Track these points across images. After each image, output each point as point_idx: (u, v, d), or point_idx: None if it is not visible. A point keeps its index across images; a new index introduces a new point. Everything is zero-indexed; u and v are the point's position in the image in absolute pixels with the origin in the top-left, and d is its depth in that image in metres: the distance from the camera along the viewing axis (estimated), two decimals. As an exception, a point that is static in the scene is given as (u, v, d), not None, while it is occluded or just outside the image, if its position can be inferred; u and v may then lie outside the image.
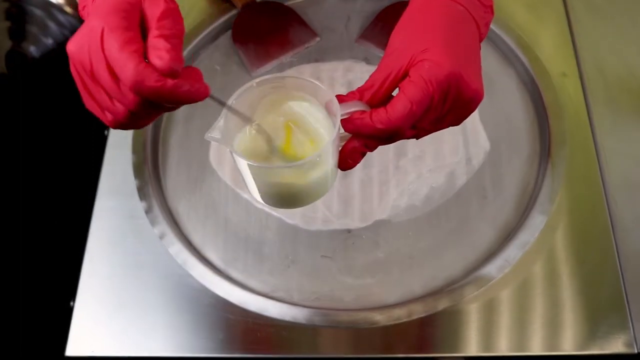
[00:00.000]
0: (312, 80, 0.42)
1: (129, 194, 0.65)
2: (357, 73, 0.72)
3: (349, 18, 0.76)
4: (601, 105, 0.69)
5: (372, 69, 0.71)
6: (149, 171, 0.66)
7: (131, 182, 0.65)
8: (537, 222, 0.61)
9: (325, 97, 0.42)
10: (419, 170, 0.65)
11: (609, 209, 0.62)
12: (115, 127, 0.39)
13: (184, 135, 0.70)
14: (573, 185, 0.64)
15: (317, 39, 0.75)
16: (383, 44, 0.73)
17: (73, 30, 0.81)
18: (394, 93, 0.42)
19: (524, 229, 0.61)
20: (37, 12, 0.79)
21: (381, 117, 0.39)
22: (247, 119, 0.41)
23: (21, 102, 0.82)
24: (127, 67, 0.34)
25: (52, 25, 0.81)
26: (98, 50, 0.35)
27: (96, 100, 0.38)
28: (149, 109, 0.37)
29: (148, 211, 0.64)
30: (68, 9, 0.79)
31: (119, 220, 0.64)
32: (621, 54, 0.72)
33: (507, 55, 0.73)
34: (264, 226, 0.63)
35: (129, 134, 0.68)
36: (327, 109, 0.42)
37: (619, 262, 0.60)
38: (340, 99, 0.41)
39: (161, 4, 0.37)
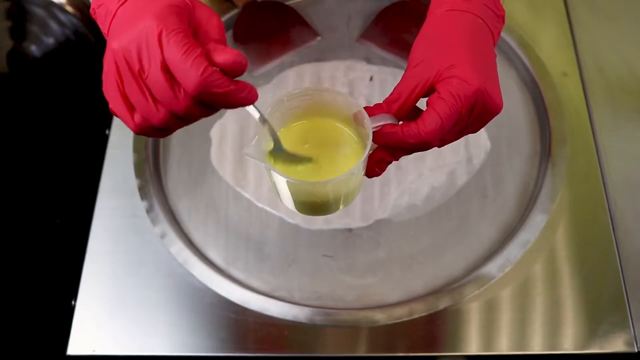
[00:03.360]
0: (340, 92, 0.43)
1: (130, 193, 0.65)
2: (358, 72, 0.72)
3: (349, 17, 0.77)
4: (602, 104, 0.69)
5: (372, 68, 0.72)
6: (150, 170, 0.66)
7: (132, 182, 0.66)
8: (537, 221, 0.61)
9: (353, 108, 0.43)
10: (419, 170, 0.65)
11: (609, 208, 0.63)
12: (139, 132, 0.38)
13: (184, 135, 0.70)
14: (574, 185, 0.64)
15: (318, 38, 0.75)
16: (384, 43, 0.73)
17: (74, 30, 0.81)
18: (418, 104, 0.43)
19: (524, 228, 0.61)
20: (38, 11, 0.79)
21: (412, 132, 0.40)
22: (274, 133, 0.42)
23: (22, 102, 0.82)
24: (193, 70, 0.34)
25: (53, 25, 0.81)
26: (156, 52, 0.35)
27: (130, 102, 0.37)
28: (184, 118, 0.37)
29: (149, 210, 0.64)
30: (69, 8, 0.79)
31: (120, 219, 0.64)
32: (622, 53, 0.72)
33: (508, 55, 0.73)
34: (265, 225, 0.64)
35: (130, 133, 0.68)
36: (355, 120, 0.43)
37: (620, 261, 0.60)
38: (369, 111, 0.42)
39: (214, 15, 0.38)
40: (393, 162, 0.44)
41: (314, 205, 0.46)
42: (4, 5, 0.78)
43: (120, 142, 0.68)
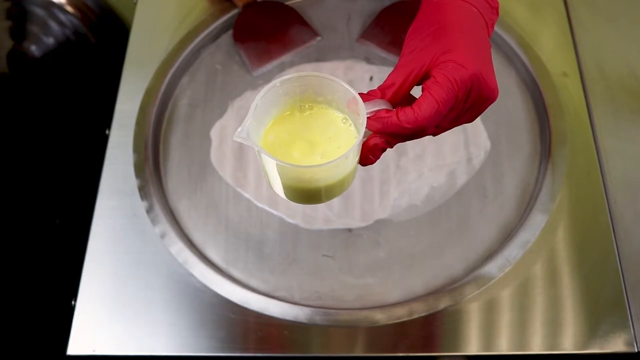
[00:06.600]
0: (334, 79, 0.42)
1: (130, 193, 0.65)
2: (357, 72, 0.72)
3: (349, 17, 0.77)
4: (602, 104, 0.69)
5: (372, 68, 0.72)
6: (150, 170, 0.66)
7: (132, 182, 0.66)
8: (537, 221, 0.61)
9: (347, 94, 0.42)
10: (419, 170, 0.65)
11: (609, 208, 0.62)
12: None
13: (184, 135, 0.70)
14: (573, 185, 0.64)
15: (318, 38, 0.75)
16: (384, 43, 0.73)
17: (74, 30, 0.81)
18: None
19: (524, 228, 0.61)
20: (38, 11, 0.79)
21: (408, 117, 0.40)
22: None
23: (22, 102, 0.82)
24: None
25: (53, 25, 0.81)
26: None
27: None
28: None
29: (149, 210, 0.64)
30: (69, 8, 0.79)
31: (120, 219, 0.64)
32: (622, 53, 0.72)
33: (508, 55, 0.73)
34: (265, 225, 0.64)
35: (130, 133, 0.68)
36: (349, 106, 0.43)
37: (620, 261, 0.60)
38: (363, 97, 0.42)
39: None
40: (392, 162, 0.44)
41: (304, 192, 0.45)
42: (4, 5, 0.78)
43: (120, 142, 0.68)
